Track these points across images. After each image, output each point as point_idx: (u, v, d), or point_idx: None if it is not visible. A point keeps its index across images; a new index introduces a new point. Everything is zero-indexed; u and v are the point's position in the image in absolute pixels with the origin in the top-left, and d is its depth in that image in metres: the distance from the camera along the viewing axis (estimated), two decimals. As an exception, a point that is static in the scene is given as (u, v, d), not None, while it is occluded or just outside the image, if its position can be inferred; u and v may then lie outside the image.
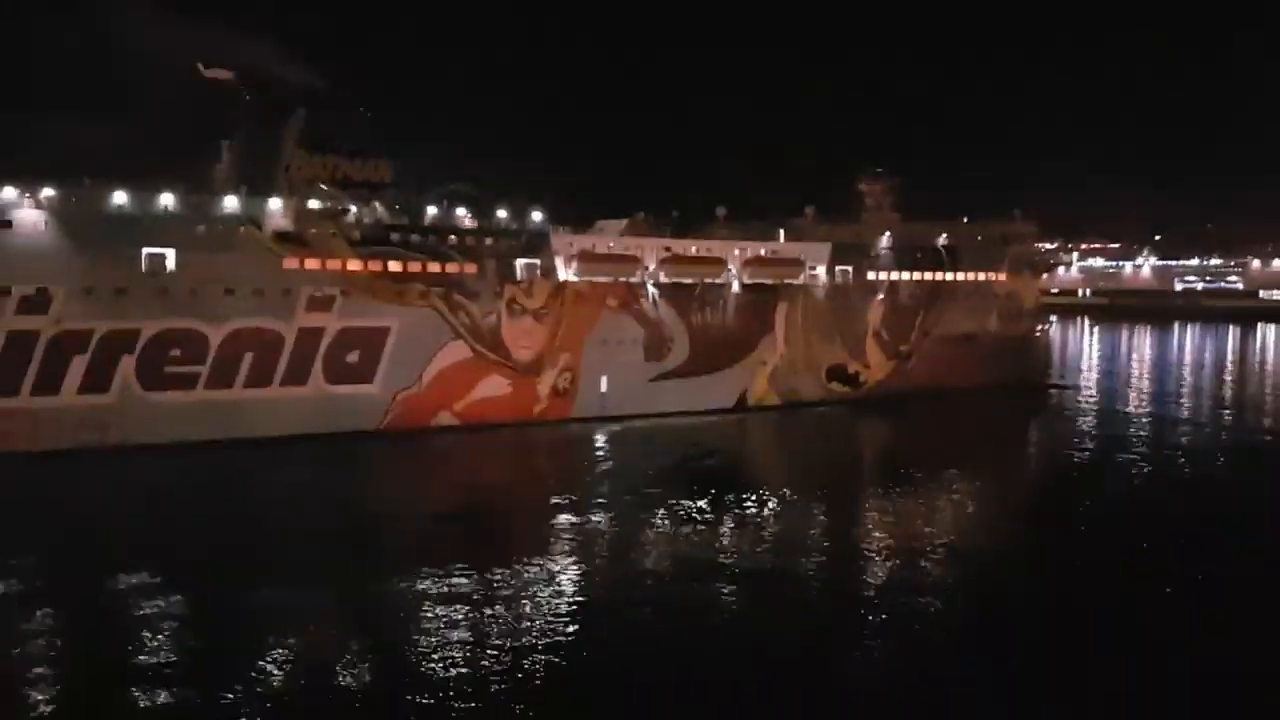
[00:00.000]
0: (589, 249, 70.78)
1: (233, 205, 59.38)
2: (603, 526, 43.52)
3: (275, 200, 60.78)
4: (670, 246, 74.36)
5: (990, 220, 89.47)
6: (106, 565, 35.81)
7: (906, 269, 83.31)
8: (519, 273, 67.58)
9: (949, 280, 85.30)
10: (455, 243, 65.42)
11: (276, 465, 54.36)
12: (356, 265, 61.92)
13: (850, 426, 75.02)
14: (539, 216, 69.68)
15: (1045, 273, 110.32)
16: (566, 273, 69.37)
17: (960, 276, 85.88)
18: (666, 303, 73.05)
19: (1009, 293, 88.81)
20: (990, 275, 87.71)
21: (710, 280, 74.83)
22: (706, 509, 45.97)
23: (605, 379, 70.32)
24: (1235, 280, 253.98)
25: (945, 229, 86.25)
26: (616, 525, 43.64)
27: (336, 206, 62.33)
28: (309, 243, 60.68)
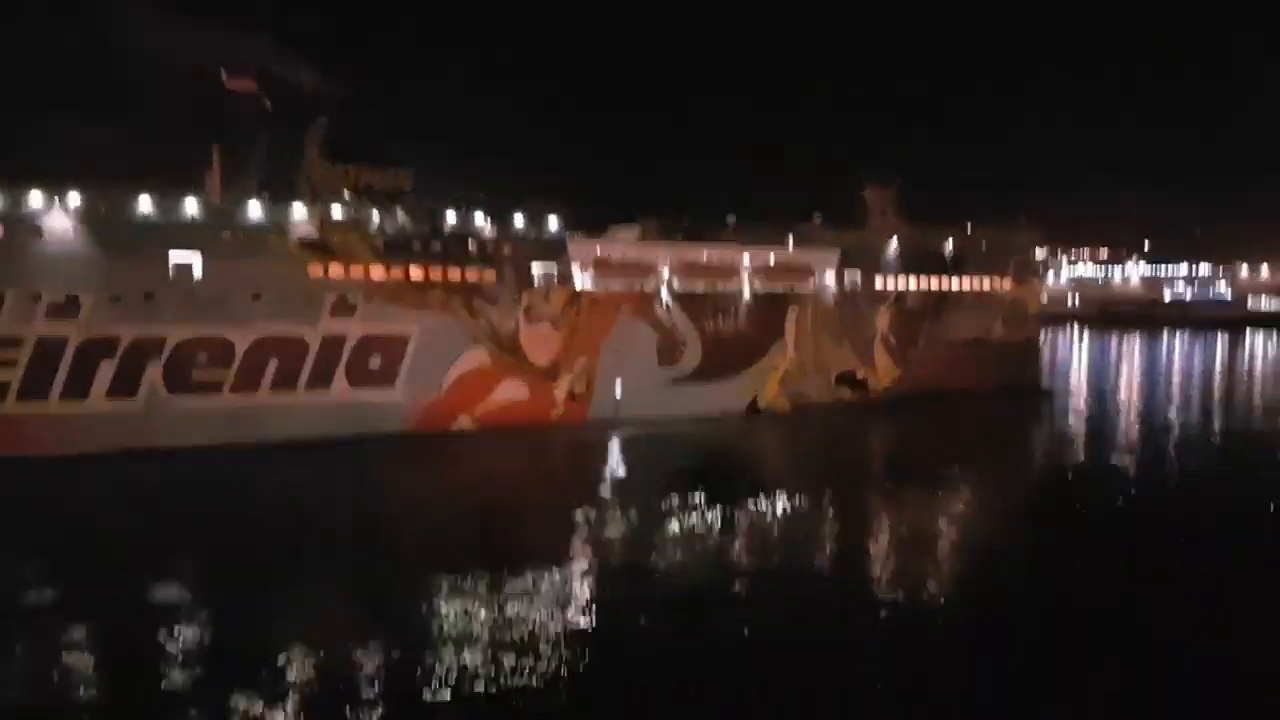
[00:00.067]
0: (605, 256, 71.78)
1: (257, 212, 60.21)
2: (633, 523, 44.71)
3: (299, 207, 61.66)
4: (683, 254, 75.40)
5: (994, 227, 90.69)
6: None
7: (914, 275, 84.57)
8: (537, 279, 68.56)
9: (955, 287, 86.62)
10: (475, 249, 66.36)
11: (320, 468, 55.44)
12: (379, 272, 62.82)
13: (860, 430, 75.89)
14: (555, 223, 70.74)
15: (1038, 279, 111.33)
16: (583, 279, 70.33)
17: (965, 283, 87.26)
18: (680, 308, 74.08)
19: (1013, 298, 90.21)
20: (995, 281, 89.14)
21: (722, 287, 75.92)
22: (721, 506, 46.96)
23: (620, 383, 71.28)
24: (1223, 288, 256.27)
25: (950, 236, 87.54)
26: (641, 523, 44.85)
27: (359, 214, 63.17)
28: (333, 249, 61.54)
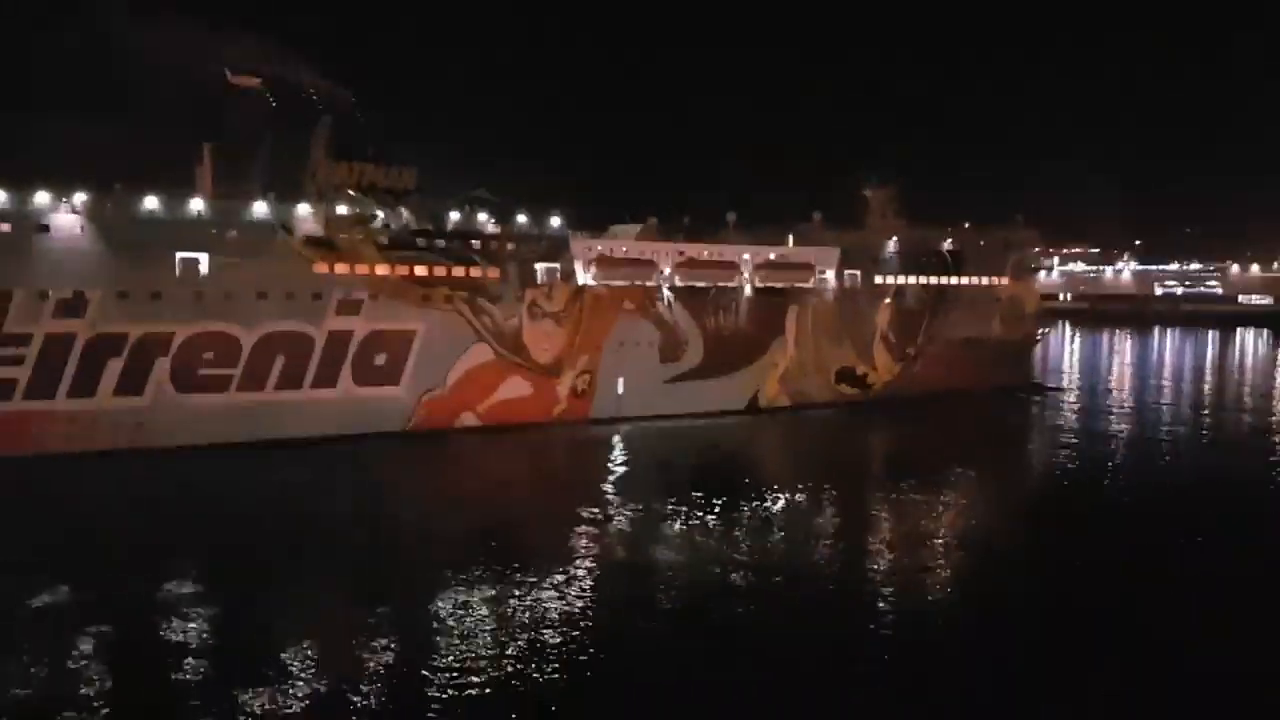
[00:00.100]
0: (607, 254, 72.18)
1: (263, 211, 60.44)
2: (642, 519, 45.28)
3: (304, 206, 61.90)
4: (684, 251, 75.87)
5: (993, 226, 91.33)
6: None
7: (913, 274, 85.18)
8: (540, 277, 68.92)
9: (954, 285, 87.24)
10: (479, 248, 66.69)
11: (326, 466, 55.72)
12: (384, 270, 63.10)
13: (859, 427, 76.47)
14: (558, 222, 71.11)
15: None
16: (585, 277, 70.73)
17: (964, 281, 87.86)
18: (681, 306, 74.52)
19: (1011, 297, 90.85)
20: (993, 280, 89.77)
21: (723, 284, 76.39)
22: (722, 505, 47.43)
23: (622, 380, 71.71)
24: (1214, 285, 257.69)
25: (949, 234, 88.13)
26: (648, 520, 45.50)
27: (364, 212, 63.44)
28: (338, 247, 61.80)
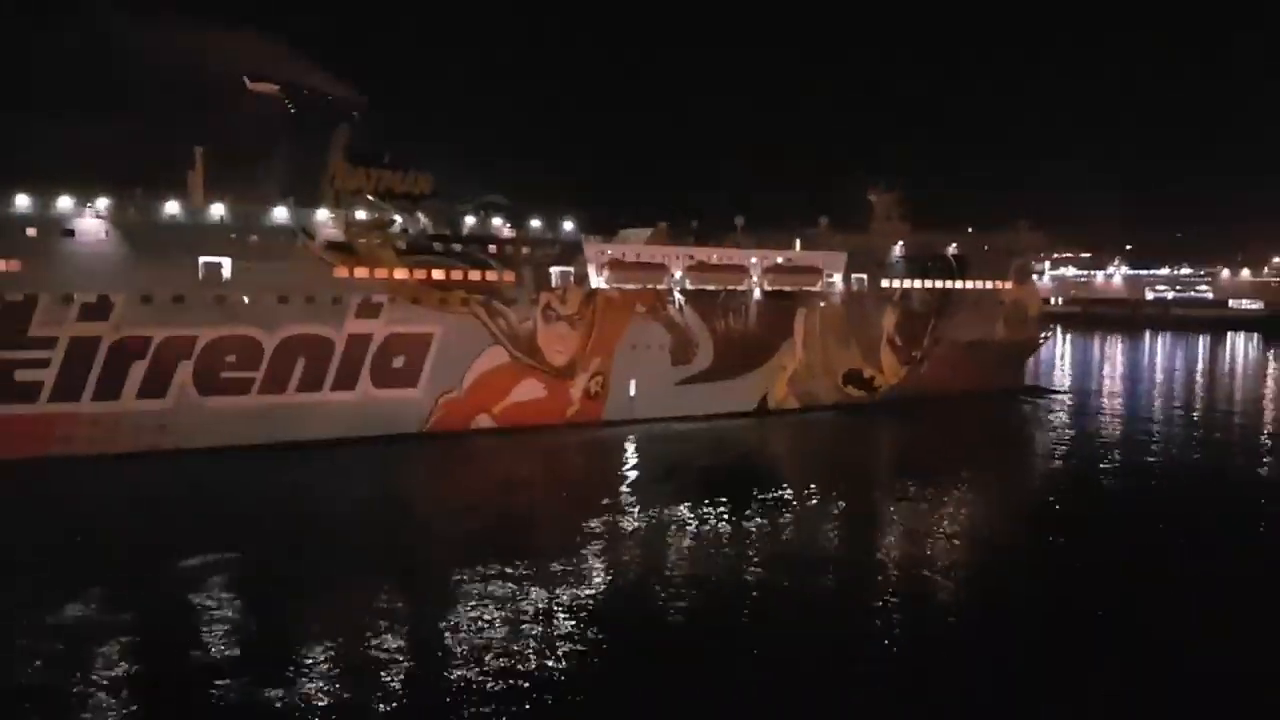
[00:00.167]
0: (619, 257, 73.09)
1: (283, 216, 61.17)
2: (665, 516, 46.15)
3: (323, 211, 62.67)
4: (694, 255, 76.82)
5: (997, 230, 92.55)
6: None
7: (918, 278, 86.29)
8: (554, 280, 69.78)
9: (958, 289, 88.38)
10: (494, 251, 67.50)
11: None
12: (402, 273, 63.86)
13: (868, 429, 77.42)
14: (570, 226, 71.99)
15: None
16: (598, 280, 71.59)
17: (969, 285, 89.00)
18: (692, 309, 75.45)
19: (1014, 301, 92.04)
20: (997, 284, 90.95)
21: (733, 287, 77.35)
22: (734, 504, 48.29)
23: (634, 383, 72.60)
24: (1205, 290, 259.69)
25: (954, 239, 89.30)
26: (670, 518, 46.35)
27: (383, 217, 64.20)
28: (358, 252, 62.57)
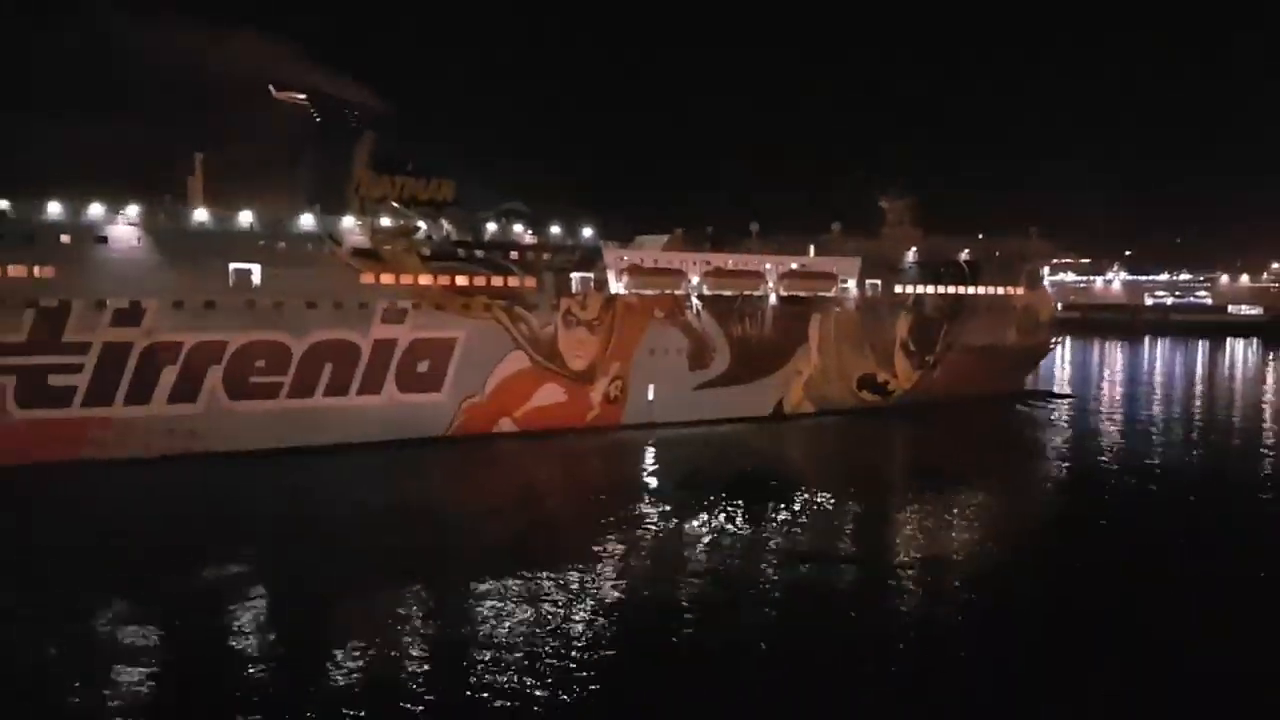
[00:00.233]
0: (638, 263, 73.97)
1: (310, 223, 61.99)
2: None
3: (349, 218, 63.50)
4: (711, 260, 77.71)
5: (1008, 236, 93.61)
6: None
7: (931, 283, 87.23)
8: (574, 286, 70.62)
9: (971, 294, 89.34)
10: (516, 258, 68.36)
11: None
12: (427, 280, 64.69)
13: (883, 433, 78.02)
14: (590, 232, 72.88)
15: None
16: (617, 286, 72.43)
17: (981, 291, 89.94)
18: (709, 314, 76.30)
19: (1026, 306, 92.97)
20: (1009, 289, 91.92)
21: (749, 293, 78.23)
22: (751, 506, 48.98)
23: (652, 387, 73.40)
24: (1204, 296, 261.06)
25: (966, 245, 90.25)
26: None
27: (408, 224, 65.02)
28: (384, 258, 63.40)
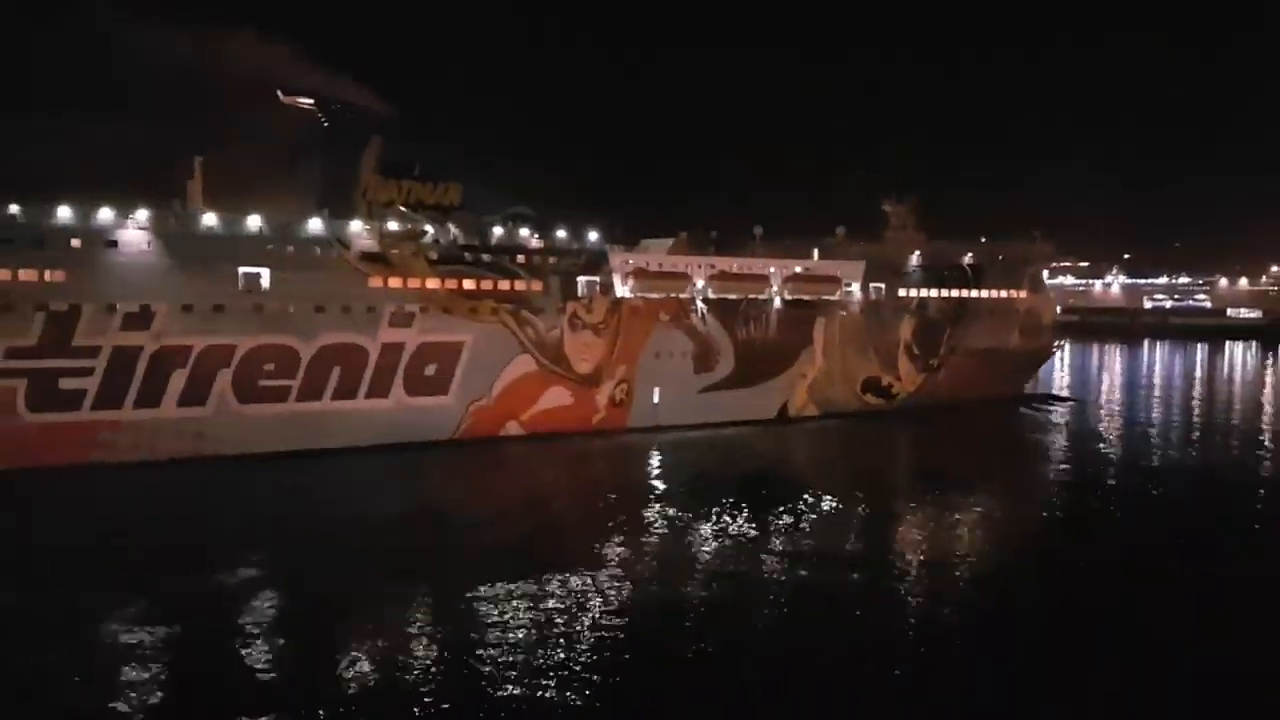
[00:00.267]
0: (643, 266, 74.25)
1: (318, 227, 62.27)
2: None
3: (357, 222, 63.80)
4: (716, 264, 78.01)
5: (1011, 240, 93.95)
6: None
7: (935, 287, 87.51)
8: (580, 289, 70.90)
9: (974, 298, 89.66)
10: (522, 262, 68.66)
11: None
12: (434, 283, 64.98)
13: (887, 436, 78.28)
14: (595, 236, 73.19)
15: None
16: (623, 289, 72.73)
17: (984, 294, 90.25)
18: (714, 318, 76.58)
19: (1029, 309, 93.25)
20: (1012, 293, 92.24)
21: (754, 296, 78.53)
22: (756, 508, 49.23)
23: (658, 390, 73.67)
24: (1203, 299, 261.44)
25: (970, 248, 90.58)
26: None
27: (416, 228, 65.32)
28: (391, 262, 63.68)
